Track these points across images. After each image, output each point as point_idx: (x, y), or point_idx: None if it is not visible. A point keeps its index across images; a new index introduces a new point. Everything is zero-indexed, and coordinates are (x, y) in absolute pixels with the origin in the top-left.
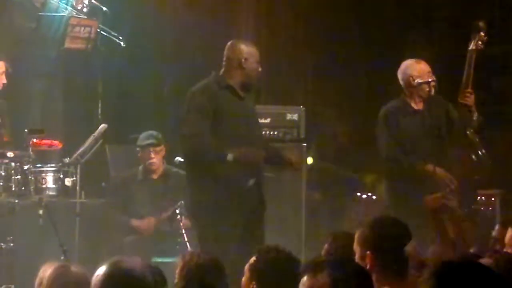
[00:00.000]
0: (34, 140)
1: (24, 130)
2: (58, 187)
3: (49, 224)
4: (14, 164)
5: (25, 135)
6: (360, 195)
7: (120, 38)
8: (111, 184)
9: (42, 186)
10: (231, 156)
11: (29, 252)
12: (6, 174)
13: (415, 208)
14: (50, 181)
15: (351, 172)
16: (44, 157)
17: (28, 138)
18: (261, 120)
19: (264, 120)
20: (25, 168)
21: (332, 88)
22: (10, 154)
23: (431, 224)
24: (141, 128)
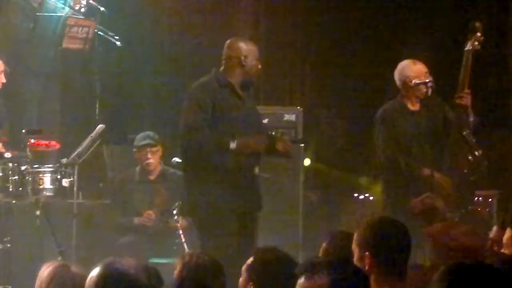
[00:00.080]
0: (31, 140)
1: (22, 130)
2: (55, 187)
3: (46, 224)
4: (12, 164)
5: (22, 136)
6: (357, 195)
7: (116, 37)
8: (109, 185)
9: (40, 186)
10: (233, 145)
11: (26, 253)
12: (3, 174)
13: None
14: (47, 181)
15: (347, 174)
16: (41, 157)
17: (26, 139)
18: None
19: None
20: (22, 168)
21: (329, 89)
22: (7, 155)
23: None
24: (138, 128)
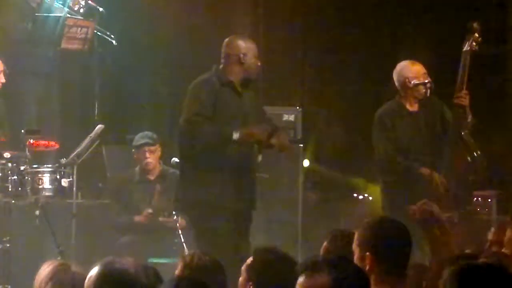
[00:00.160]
0: (30, 140)
1: (21, 130)
2: (54, 187)
3: (45, 224)
4: (11, 164)
5: (21, 136)
6: (357, 195)
7: (112, 36)
8: (109, 185)
9: (39, 186)
10: (236, 135)
11: (25, 253)
12: (2, 174)
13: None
14: (46, 181)
15: (346, 176)
16: (40, 157)
17: (25, 139)
18: None
19: None
20: (21, 168)
21: (329, 89)
22: (6, 155)
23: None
24: (137, 129)
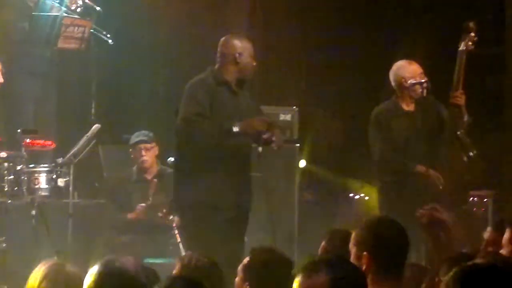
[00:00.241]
0: (27, 140)
1: (17, 130)
2: (51, 187)
3: (42, 224)
4: (7, 164)
5: (18, 135)
6: (353, 195)
7: (108, 36)
8: (106, 185)
9: (35, 186)
10: (236, 128)
11: (22, 252)
12: None
13: (408, 209)
14: (43, 181)
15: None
16: (37, 157)
17: (21, 138)
18: None
19: None
20: (18, 168)
21: (325, 89)
22: (3, 154)
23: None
24: (134, 128)
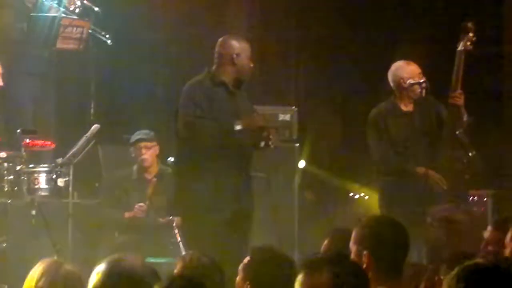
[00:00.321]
0: (26, 140)
1: (17, 130)
2: (50, 187)
3: (41, 224)
4: (7, 164)
5: (17, 136)
6: (353, 195)
7: (107, 36)
8: (106, 183)
9: (35, 186)
10: (238, 126)
11: (21, 252)
12: None
13: (407, 208)
14: (42, 181)
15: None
16: (36, 157)
17: (21, 139)
18: None
19: None
20: (17, 168)
21: (325, 89)
22: (2, 155)
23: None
24: (133, 128)
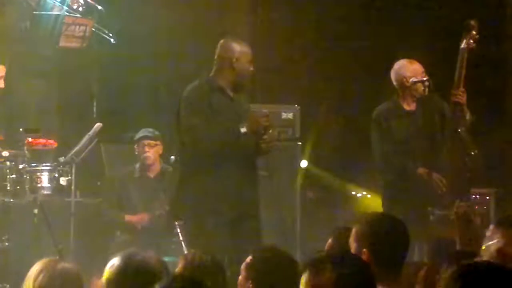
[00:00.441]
0: (29, 139)
1: (19, 129)
2: (53, 186)
3: (44, 223)
4: (9, 163)
5: (20, 134)
6: (355, 194)
7: (110, 35)
8: (108, 181)
9: (37, 185)
10: (244, 129)
11: (24, 251)
12: (1, 173)
13: (410, 207)
14: (45, 180)
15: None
16: (39, 156)
17: (23, 137)
18: None
19: None
20: (20, 167)
21: (327, 87)
22: (5, 153)
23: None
24: (136, 127)
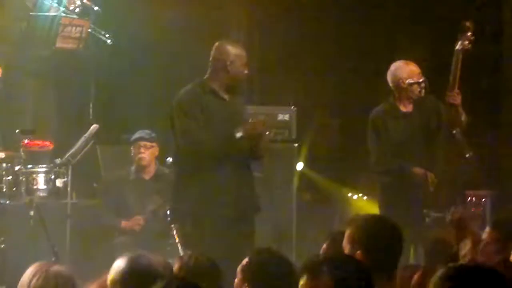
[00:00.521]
0: (25, 140)
1: (15, 130)
2: (49, 188)
3: (40, 225)
4: (5, 165)
5: (16, 136)
6: (351, 195)
7: (107, 36)
8: (103, 183)
9: (33, 187)
10: (239, 134)
11: (20, 253)
12: None
13: (406, 209)
14: (41, 182)
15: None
16: (35, 158)
17: (19, 139)
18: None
19: None
20: (16, 169)
21: (324, 89)
22: (1, 155)
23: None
24: (132, 129)
